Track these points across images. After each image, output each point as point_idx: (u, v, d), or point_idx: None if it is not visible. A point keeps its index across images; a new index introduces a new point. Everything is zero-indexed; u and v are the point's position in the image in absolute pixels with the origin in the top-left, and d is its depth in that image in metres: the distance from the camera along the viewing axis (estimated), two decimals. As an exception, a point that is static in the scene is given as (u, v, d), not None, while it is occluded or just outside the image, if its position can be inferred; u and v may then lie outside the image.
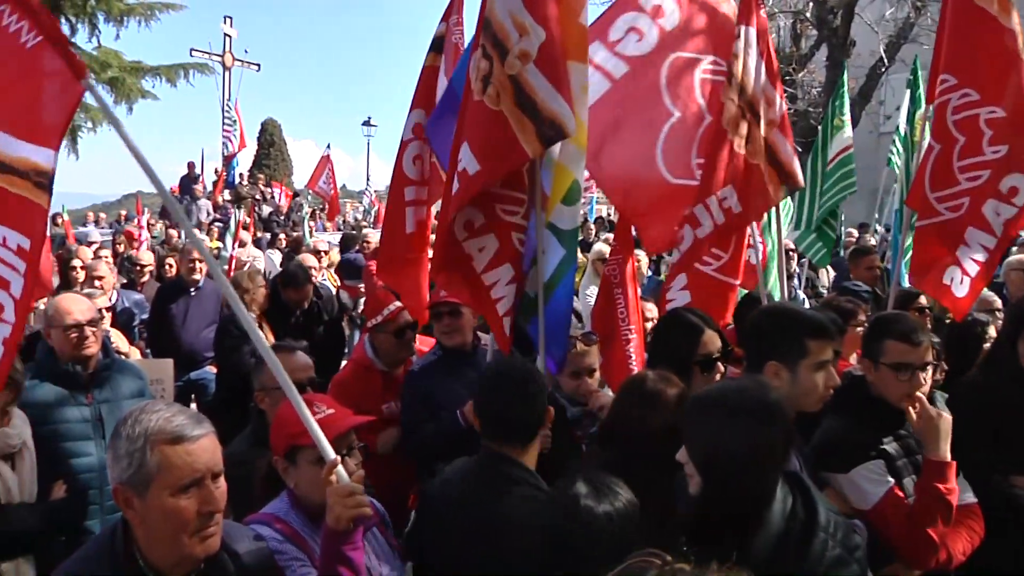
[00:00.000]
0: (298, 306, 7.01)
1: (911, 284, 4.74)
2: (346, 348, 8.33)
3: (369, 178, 26.40)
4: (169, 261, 10.33)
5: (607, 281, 4.74)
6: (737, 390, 2.49)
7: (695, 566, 1.31)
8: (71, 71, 2.72)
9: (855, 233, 14.87)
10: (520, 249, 4.01)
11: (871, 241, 11.40)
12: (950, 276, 4.34)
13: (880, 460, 3.22)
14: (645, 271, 9.58)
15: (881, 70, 17.26)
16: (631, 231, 4.89)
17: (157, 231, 19.34)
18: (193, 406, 7.06)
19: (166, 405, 2.29)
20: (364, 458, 2.88)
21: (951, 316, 4.76)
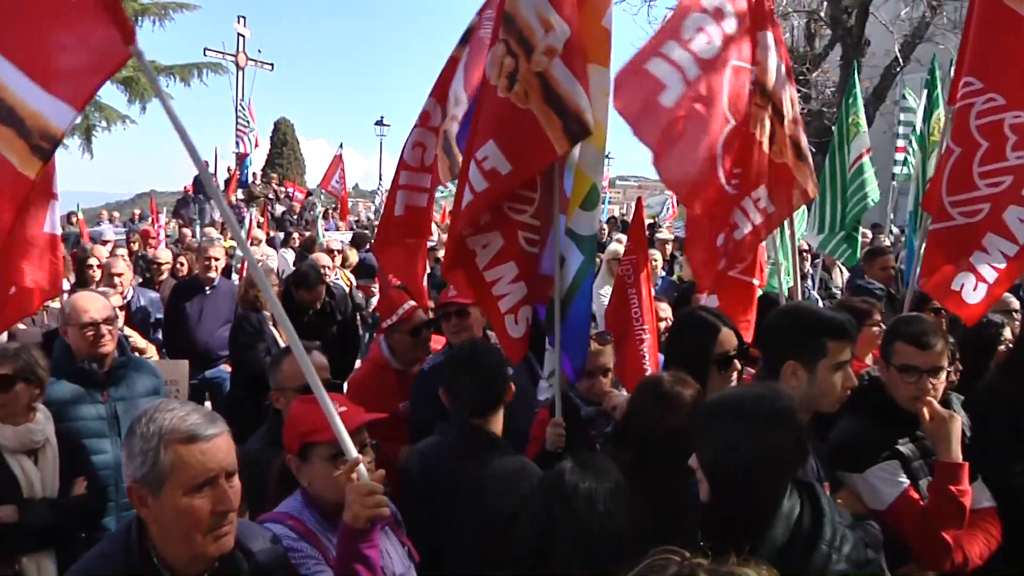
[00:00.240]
0: (311, 306, 7.02)
1: (919, 287, 4.69)
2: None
3: (382, 178, 26.43)
4: (181, 260, 10.37)
5: (621, 281, 4.72)
6: (749, 397, 2.48)
7: (713, 560, 1.32)
8: (120, 33, 2.58)
9: (869, 234, 14.77)
10: (527, 248, 3.99)
11: (885, 242, 11.33)
12: (960, 282, 4.26)
13: (895, 461, 3.20)
14: (659, 271, 9.56)
15: (896, 70, 17.13)
16: (645, 231, 4.88)
17: (170, 230, 19.42)
18: (208, 404, 7.08)
19: (180, 404, 2.28)
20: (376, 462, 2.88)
21: None
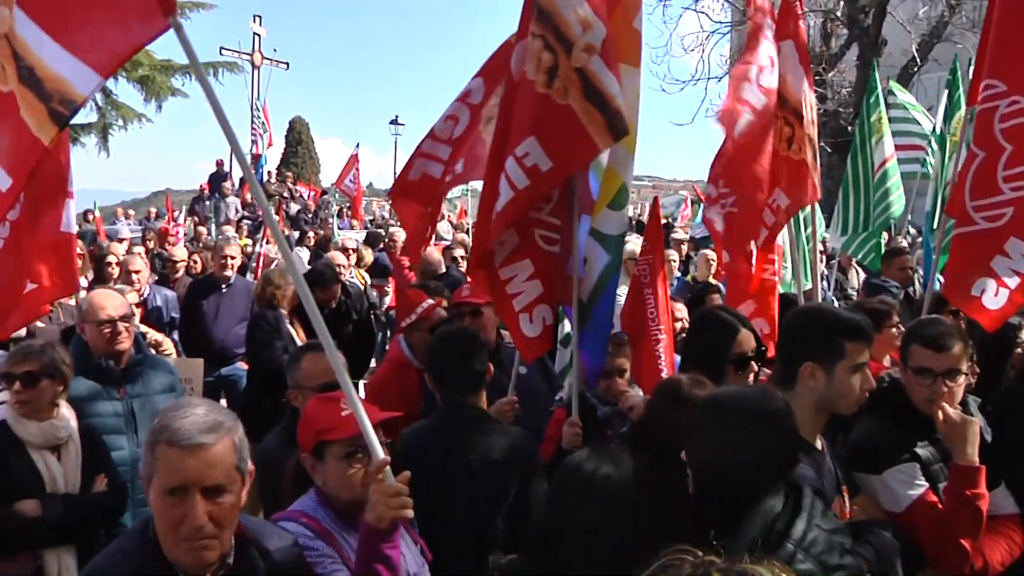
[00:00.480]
0: (326, 305, 7.01)
1: (943, 292, 4.65)
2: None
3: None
4: (195, 258, 10.41)
5: (637, 281, 4.69)
6: (741, 397, 2.51)
7: (725, 558, 1.32)
8: (160, 5, 2.49)
9: (886, 235, 14.66)
10: (544, 247, 3.97)
11: (903, 242, 11.26)
12: (980, 287, 4.21)
13: (914, 463, 3.18)
14: (675, 271, 9.52)
15: (913, 69, 16.99)
16: (662, 231, 4.86)
17: (186, 228, 19.51)
18: (223, 402, 7.10)
19: (197, 405, 2.22)
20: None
21: None
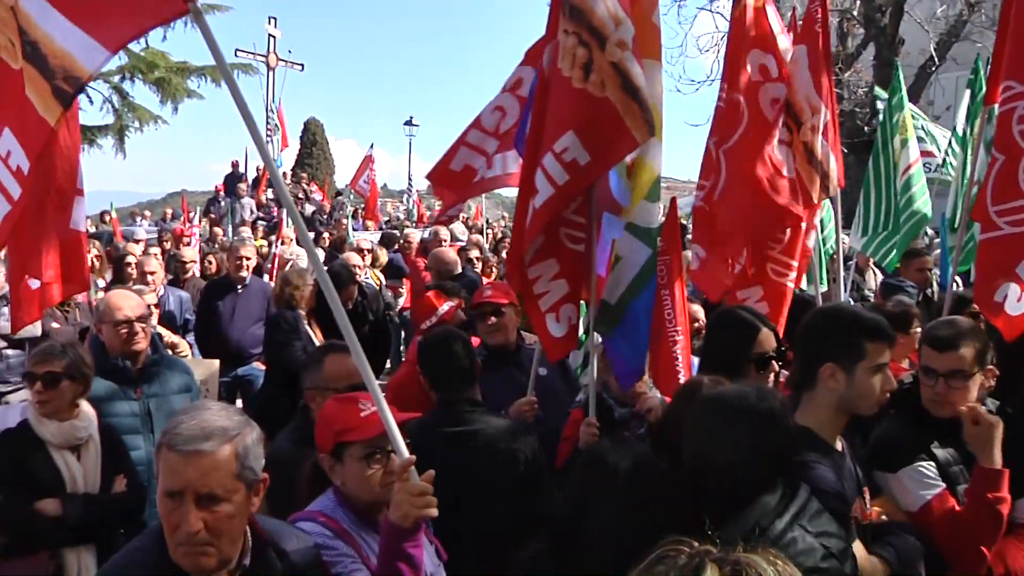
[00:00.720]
0: (342, 306, 7.01)
1: (974, 300, 4.60)
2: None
3: (411, 178, 26.38)
4: (210, 258, 10.45)
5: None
6: (738, 396, 2.52)
7: (720, 548, 1.33)
8: None
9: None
10: (570, 245, 3.97)
11: (920, 243, 11.15)
12: (1003, 293, 4.17)
13: (931, 463, 3.17)
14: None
15: (931, 69, 16.83)
16: (679, 231, 4.84)
17: (201, 229, 19.60)
18: (239, 403, 7.13)
19: (207, 409, 2.21)
20: None
21: None
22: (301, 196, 23.77)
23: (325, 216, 22.10)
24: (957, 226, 5.52)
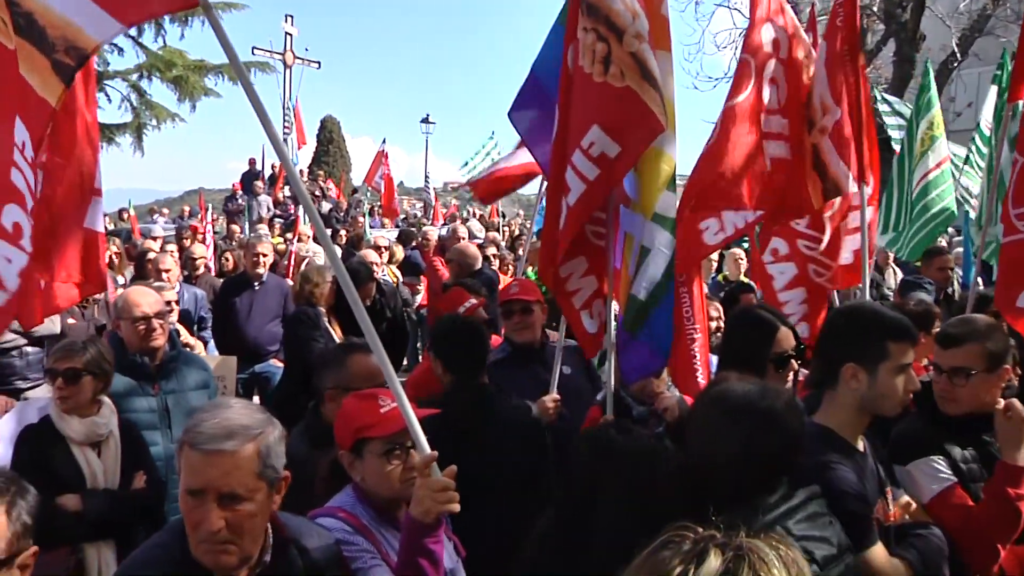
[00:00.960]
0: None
1: (996, 305, 4.54)
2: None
3: (428, 175, 26.42)
4: (227, 255, 10.50)
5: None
6: (741, 394, 2.50)
7: (724, 534, 1.35)
8: None
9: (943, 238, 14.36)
10: (595, 242, 3.97)
11: (941, 242, 11.05)
12: None
13: (941, 457, 3.15)
14: (712, 270, 9.45)
15: (953, 65, 16.58)
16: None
17: (218, 226, 19.70)
18: (256, 399, 7.15)
19: (229, 407, 2.20)
20: None
21: None
22: (318, 194, 23.84)
23: (341, 213, 22.16)
24: (982, 225, 5.44)
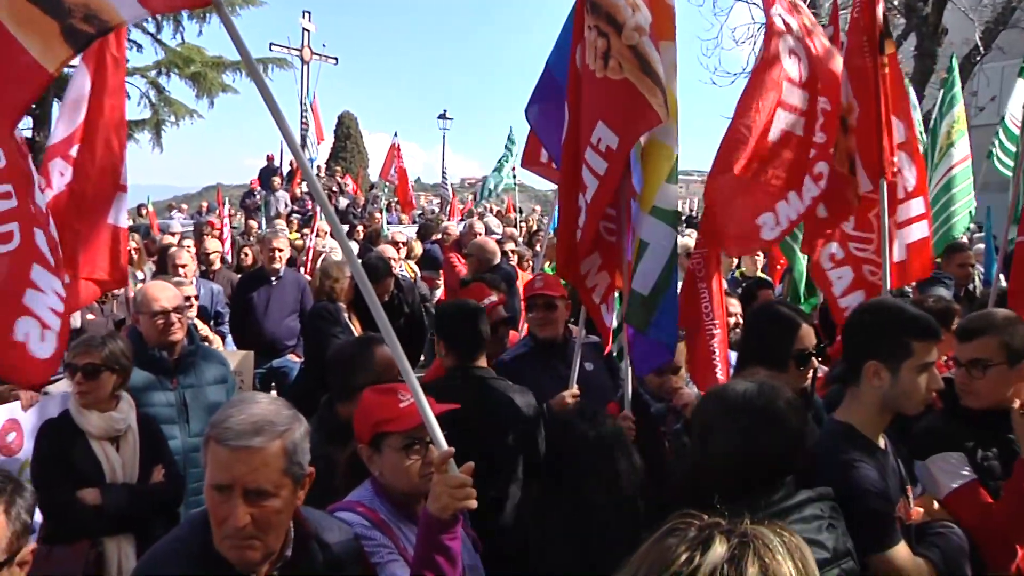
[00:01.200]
0: (379, 298, 6.99)
1: (1010, 304, 4.48)
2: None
3: (445, 171, 26.39)
4: (246, 251, 10.54)
5: (691, 275, 4.61)
6: (742, 392, 2.49)
7: (729, 521, 1.37)
8: None
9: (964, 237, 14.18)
10: (607, 238, 3.96)
11: (963, 238, 10.92)
12: None
13: (961, 454, 3.12)
14: (732, 266, 9.39)
15: (976, 58, 16.33)
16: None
17: (237, 222, 19.78)
18: (273, 393, 7.17)
19: (256, 402, 2.19)
20: None
21: None
22: (335, 189, 23.89)
23: (359, 209, 22.19)
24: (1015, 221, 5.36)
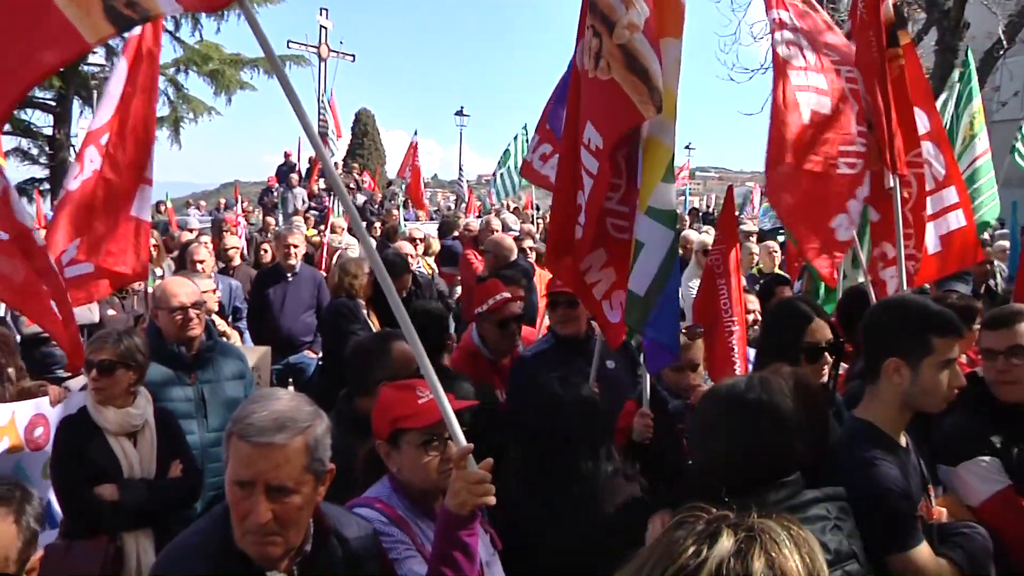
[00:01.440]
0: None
1: (1017, 300, 4.44)
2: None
3: (462, 168, 26.37)
4: (264, 247, 10.58)
5: (709, 271, 4.62)
6: (736, 388, 2.46)
7: (736, 514, 1.38)
8: None
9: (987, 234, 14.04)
10: (616, 235, 3.94)
11: (983, 235, 10.82)
12: None
13: (995, 458, 3.06)
14: (752, 263, 9.36)
15: (998, 53, 16.09)
16: (735, 221, 4.76)
17: (255, 218, 19.86)
18: (291, 388, 7.19)
19: (278, 398, 2.19)
20: None
21: None
22: (352, 186, 23.93)
23: (376, 206, 22.22)
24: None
